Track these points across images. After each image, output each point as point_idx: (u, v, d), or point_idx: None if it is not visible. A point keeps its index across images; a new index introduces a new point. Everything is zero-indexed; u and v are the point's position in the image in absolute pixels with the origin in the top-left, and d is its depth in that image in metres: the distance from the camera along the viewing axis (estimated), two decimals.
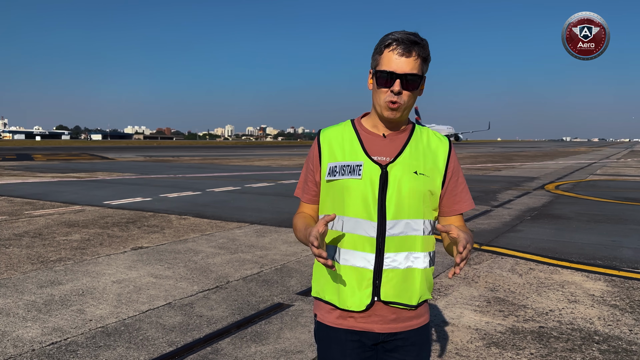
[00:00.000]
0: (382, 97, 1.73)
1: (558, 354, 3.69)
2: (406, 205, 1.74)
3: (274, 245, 7.11)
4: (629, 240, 7.69)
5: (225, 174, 20.02)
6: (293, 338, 3.94)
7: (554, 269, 6.01)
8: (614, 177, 20.38)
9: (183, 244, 7.19)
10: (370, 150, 1.78)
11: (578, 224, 9.11)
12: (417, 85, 1.72)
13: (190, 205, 10.98)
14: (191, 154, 42.38)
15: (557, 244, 7.36)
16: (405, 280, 1.76)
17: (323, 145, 1.85)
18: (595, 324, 4.28)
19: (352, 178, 1.75)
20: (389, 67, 1.70)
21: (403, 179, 1.74)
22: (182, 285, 5.24)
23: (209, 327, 4.13)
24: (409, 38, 1.69)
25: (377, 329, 1.78)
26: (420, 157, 1.80)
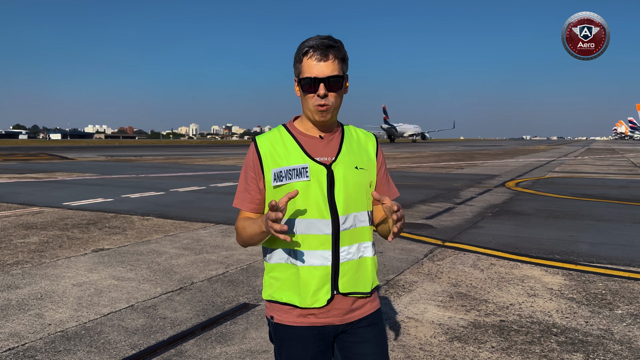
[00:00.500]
0: (310, 103, 1.81)
1: (518, 347, 3.79)
2: (353, 199, 1.84)
3: (239, 245, 7.06)
4: (585, 235, 7.96)
5: (189, 174, 19.76)
6: (259, 338, 3.93)
7: (514, 264, 6.17)
8: (572, 174, 21.05)
9: (146, 245, 7.06)
10: (312, 152, 1.85)
11: (537, 220, 9.37)
12: (340, 86, 1.82)
13: (154, 206, 10.80)
14: (154, 154, 41.65)
15: (517, 240, 7.56)
16: (359, 269, 1.87)
17: (263, 152, 1.88)
18: (554, 317, 4.41)
19: (300, 180, 1.80)
20: (311, 73, 1.78)
21: (347, 175, 1.84)
22: (145, 287, 5.15)
23: (173, 329, 4.08)
24: (323, 43, 1.78)
25: (337, 322, 1.86)
26: (356, 152, 1.91)
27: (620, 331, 4.09)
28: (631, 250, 6.89)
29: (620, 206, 11.27)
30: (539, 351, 3.72)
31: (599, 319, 4.35)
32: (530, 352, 3.69)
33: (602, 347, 3.78)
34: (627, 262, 6.27)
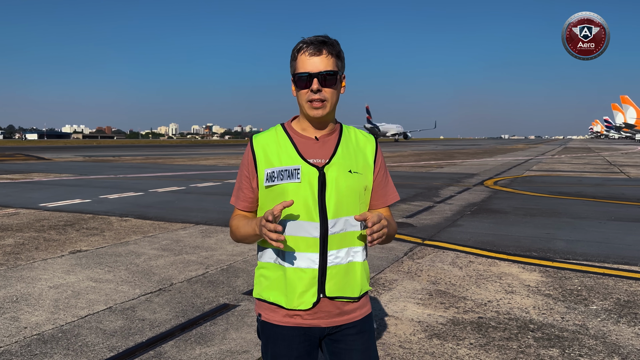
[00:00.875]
0: (304, 98, 1.81)
1: (496, 343, 3.84)
2: (344, 203, 1.82)
3: (220, 246, 7.03)
4: (561, 232, 8.10)
5: (169, 174, 19.59)
6: (239, 338, 3.91)
7: (492, 262, 6.25)
8: (549, 172, 21.39)
9: (124, 246, 6.99)
10: (305, 153, 1.84)
11: (515, 217, 9.50)
12: (334, 82, 1.81)
13: (132, 207, 10.69)
14: (133, 154, 41.17)
15: (495, 237, 7.66)
16: (347, 274, 1.85)
17: (257, 152, 1.88)
18: (531, 313, 4.48)
19: (291, 182, 1.79)
20: (304, 68, 1.78)
21: (340, 179, 1.82)
22: (124, 289, 5.09)
23: (152, 331, 4.04)
24: (317, 39, 1.80)
25: (323, 324, 1.86)
26: (352, 156, 1.88)
27: (595, 326, 4.18)
28: (606, 247, 7.03)
29: (596, 204, 11.49)
30: (516, 347, 3.77)
31: (575, 315, 4.44)
32: (508, 348, 3.75)
33: (578, 342, 3.85)
34: (602, 258, 6.40)
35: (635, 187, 15.19)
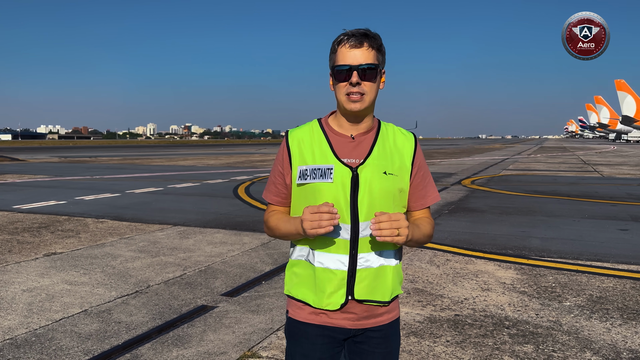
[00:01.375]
0: (342, 92, 1.75)
1: (472, 340, 3.89)
2: (377, 206, 1.75)
3: (198, 247, 6.98)
4: (536, 230, 8.24)
5: (146, 175, 19.37)
6: (217, 340, 3.90)
7: (469, 260, 6.33)
8: (525, 171, 21.72)
9: (100, 248, 6.89)
10: (340, 152, 1.78)
11: (491, 216, 9.64)
12: (374, 76, 1.75)
13: (109, 208, 10.54)
14: (110, 154, 40.60)
15: (472, 236, 7.75)
16: (377, 278, 1.79)
17: (292, 148, 1.83)
18: (506, 310, 4.55)
19: (324, 182, 1.74)
20: (344, 61, 1.73)
21: (374, 181, 1.75)
22: (99, 292, 5.03)
23: (128, 333, 4.00)
24: (358, 31, 1.74)
25: (349, 325, 1.81)
26: (388, 156, 1.81)
27: (568, 322, 4.26)
28: (580, 245, 7.18)
29: (570, 202, 11.71)
30: (491, 344, 3.83)
31: (549, 311, 4.52)
32: (484, 345, 3.80)
33: (551, 338, 3.92)
34: (576, 255, 6.53)
35: (609, 186, 15.52)
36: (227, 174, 19.44)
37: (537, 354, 3.65)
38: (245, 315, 4.40)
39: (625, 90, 69.76)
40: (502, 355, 3.63)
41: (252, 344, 3.83)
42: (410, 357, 3.61)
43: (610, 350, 3.71)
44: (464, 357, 3.61)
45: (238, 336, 3.96)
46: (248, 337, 3.94)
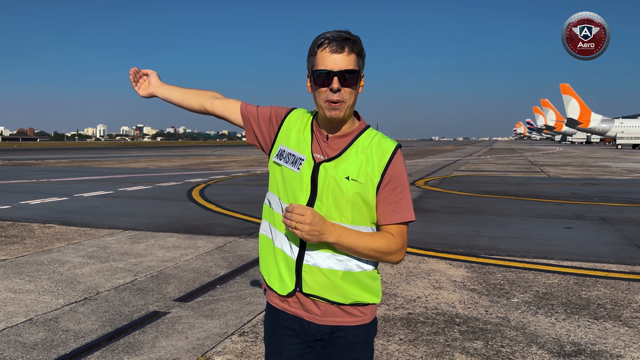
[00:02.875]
0: (321, 97, 1.72)
1: (424, 338, 3.97)
2: (333, 207, 1.73)
3: (150, 252, 6.83)
4: (486, 229, 8.48)
5: (96, 178, 18.80)
6: (169, 346, 3.82)
7: (422, 259, 6.45)
8: (475, 172, 22.34)
9: (47, 254, 6.64)
10: (315, 147, 1.81)
11: (443, 216, 9.86)
12: (355, 81, 1.72)
13: (56, 212, 10.18)
14: (58, 156, 39.17)
15: (425, 235, 7.91)
16: (325, 278, 1.76)
17: (284, 125, 1.88)
18: (457, 308, 4.67)
19: (291, 169, 1.78)
20: (325, 65, 1.70)
21: (332, 181, 1.74)
22: (46, 299, 4.85)
23: (76, 342, 3.87)
24: (340, 35, 1.70)
25: (307, 318, 1.80)
26: (356, 163, 1.75)
27: (516, 318, 4.41)
28: (527, 243, 7.44)
29: (518, 202, 12.12)
30: (443, 341, 3.92)
31: (497, 308, 4.66)
32: (435, 342, 3.88)
33: (500, 334, 4.05)
34: (523, 253, 6.76)
35: (554, 186, 16.15)
36: (181, 177, 19.10)
37: (486, 349, 3.76)
38: (199, 320, 4.34)
39: (570, 94, 72.81)
40: (453, 352, 3.72)
41: (205, 349, 3.78)
42: None
43: (555, 343, 3.87)
44: (416, 354, 3.68)
45: (191, 342, 3.90)
46: (202, 343, 3.89)
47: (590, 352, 3.72)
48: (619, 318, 4.40)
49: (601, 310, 4.60)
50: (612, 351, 3.74)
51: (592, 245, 7.30)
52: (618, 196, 13.16)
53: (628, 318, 4.40)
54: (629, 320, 4.36)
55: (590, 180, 17.90)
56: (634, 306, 4.70)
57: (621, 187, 15.50)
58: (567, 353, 3.70)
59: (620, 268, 6.04)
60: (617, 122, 68.90)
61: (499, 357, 3.64)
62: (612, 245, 7.29)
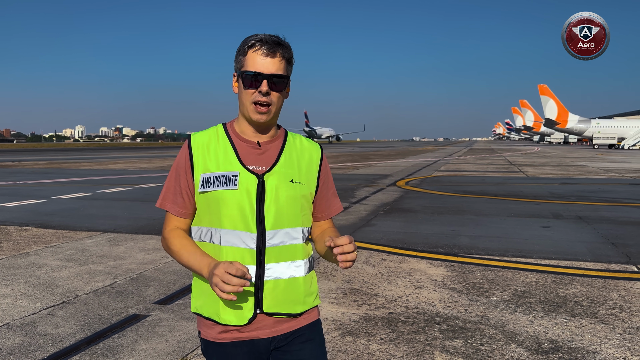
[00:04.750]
0: (249, 99, 1.69)
1: (405, 337, 4.00)
2: (285, 214, 1.72)
3: (129, 254, 6.76)
4: (465, 229, 8.57)
5: (74, 179, 18.53)
6: (149, 349, 3.79)
7: (403, 259, 6.50)
8: (455, 172, 22.55)
9: (24, 257, 6.53)
10: (245, 159, 1.73)
11: (424, 216, 9.94)
12: (283, 87, 1.71)
13: (33, 215, 10.01)
14: (35, 158, 38.52)
15: (406, 235, 7.96)
16: (287, 289, 1.73)
17: (195, 154, 1.75)
18: (437, 307, 4.71)
19: (228, 189, 1.68)
20: (255, 67, 1.67)
21: (280, 188, 1.71)
22: (23, 303, 4.77)
23: (54, 346, 3.82)
24: (272, 39, 1.68)
25: (263, 335, 1.73)
26: (295, 165, 1.78)
27: (495, 316, 4.47)
28: (506, 242, 7.54)
29: (497, 201, 12.27)
30: (423, 340, 3.95)
31: (477, 306, 4.72)
32: (416, 342, 3.92)
33: (479, 332, 4.10)
34: (502, 252, 6.85)
35: (533, 185, 16.39)
36: (162, 178, 18.92)
37: (466, 348, 3.81)
38: (180, 323, 4.31)
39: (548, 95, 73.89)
40: (433, 351, 3.76)
41: (186, 351, 3.76)
42: (346, 356, 3.67)
43: (533, 341, 3.93)
44: (397, 353, 3.71)
45: (172, 344, 3.88)
46: (182, 345, 3.86)
47: (567, 349, 3.79)
48: (595, 315, 4.49)
49: (578, 307, 4.69)
50: (589, 348, 3.81)
51: (569, 243, 7.42)
52: (594, 195, 13.41)
53: (604, 315, 4.49)
54: (604, 317, 4.45)
55: (567, 180, 18.20)
56: (610, 303, 4.80)
57: (597, 187, 15.79)
58: (544, 350, 3.76)
59: (596, 266, 6.16)
60: (594, 123, 70.17)
61: (478, 355, 3.68)
62: (588, 243, 7.43)
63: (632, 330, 4.15)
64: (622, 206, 11.45)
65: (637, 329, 4.18)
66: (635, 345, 3.85)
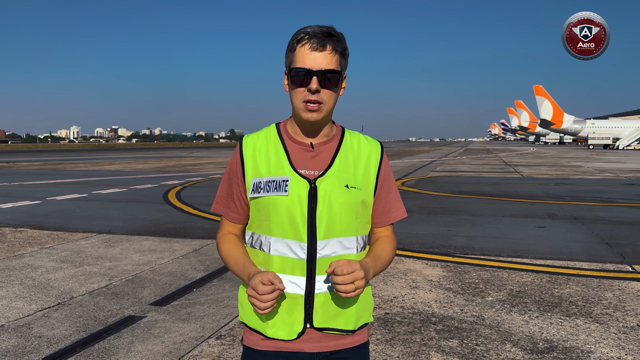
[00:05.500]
0: (299, 98, 1.57)
1: (400, 337, 4.01)
2: (338, 222, 1.60)
3: (125, 255, 6.74)
4: (461, 229, 8.59)
5: (69, 180, 18.47)
6: (145, 350, 3.79)
7: (399, 259, 6.51)
8: (451, 173, 22.60)
9: (19, 259, 6.51)
10: (297, 163, 1.62)
11: (419, 216, 9.96)
12: (336, 83, 1.57)
13: (28, 216, 9.97)
14: (30, 159, 38.37)
15: (402, 236, 7.98)
16: (340, 303, 1.62)
17: (246, 158, 1.66)
18: (433, 307, 4.73)
19: (278, 195, 1.58)
20: (304, 63, 1.54)
21: (334, 194, 1.59)
22: (18, 305, 4.75)
23: (50, 348, 3.81)
24: (322, 31, 1.55)
25: (308, 349, 1.63)
26: (350, 168, 1.65)
27: (491, 316, 4.48)
28: (501, 242, 7.56)
29: (493, 201, 12.31)
30: (419, 340, 3.96)
31: (472, 307, 4.73)
32: (412, 342, 3.92)
33: (475, 332, 4.11)
34: (497, 252, 6.87)
35: (528, 185, 16.44)
36: (157, 179, 18.90)
37: (461, 348, 3.82)
38: (176, 325, 4.30)
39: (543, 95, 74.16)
40: (429, 351, 3.76)
41: (182, 353, 3.75)
42: None
43: (528, 341, 3.94)
44: (393, 354, 3.71)
45: (168, 346, 3.87)
46: (178, 347, 3.86)
47: (562, 348, 3.81)
48: (589, 315, 4.51)
49: (573, 307, 4.70)
50: (583, 347, 3.83)
51: (564, 243, 7.45)
52: (590, 195, 13.46)
53: (598, 315, 4.51)
54: (599, 316, 4.47)
55: (562, 180, 18.27)
56: (604, 303, 4.82)
57: (592, 187, 15.85)
58: (540, 350, 3.78)
59: (591, 266, 6.19)
60: (589, 123, 70.48)
61: (474, 355, 3.69)
62: (583, 243, 7.46)
63: (627, 329, 4.17)
64: (617, 206, 11.50)
65: (632, 328, 4.20)
66: (629, 345, 3.87)
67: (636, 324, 4.29)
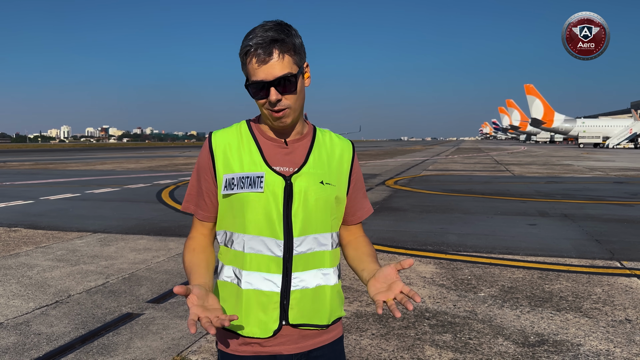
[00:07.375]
0: (264, 107, 1.54)
1: (395, 332, 4.09)
2: (314, 219, 1.59)
3: (120, 254, 6.78)
4: (454, 227, 8.70)
5: (62, 180, 18.41)
6: (144, 347, 3.84)
7: (392, 256, 6.59)
8: (443, 172, 22.74)
9: (14, 258, 6.53)
10: (271, 159, 1.59)
11: (412, 214, 10.05)
12: (295, 85, 1.51)
13: (22, 216, 9.97)
14: (20, 159, 38.14)
15: (395, 234, 8.07)
16: (315, 299, 1.61)
17: (217, 154, 1.61)
18: (426, 302, 4.81)
19: (253, 191, 1.54)
20: (257, 76, 1.49)
21: (309, 191, 1.58)
22: (16, 303, 4.79)
23: (49, 345, 3.85)
24: (265, 38, 1.47)
25: (286, 351, 1.61)
26: (325, 165, 1.64)
27: (483, 311, 4.57)
28: (493, 239, 7.66)
29: (484, 200, 12.43)
30: (413, 335, 4.04)
31: (465, 302, 4.82)
32: (406, 336, 4.01)
33: (468, 327, 4.20)
34: (489, 249, 6.97)
35: (519, 184, 16.59)
36: (150, 178, 18.88)
37: (455, 342, 3.90)
38: (173, 321, 4.36)
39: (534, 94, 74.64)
40: (423, 345, 3.85)
41: (181, 348, 3.81)
42: None
43: (520, 335, 4.04)
44: (388, 348, 3.79)
45: (166, 342, 3.93)
46: (177, 342, 3.92)
47: (553, 342, 3.90)
48: (579, 309, 4.61)
49: (563, 302, 4.81)
50: (573, 340, 3.93)
51: (555, 240, 7.57)
52: (580, 193, 13.63)
53: (588, 309, 4.62)
54: (588, 311, 4.57)
55: (553, 179, 18.45)
56: (594, 298, 4.93)
57: (583, 185, 16.04)
58: (531, 343, 3.87)
59: (581, 262, 6.31)
60: (579, 122, 71.03)
61: (467, 348, 3.78)
62: (573, 240, 7.58)
63: (615, 323, 4.28)
64: (606, 204, 11.66)
65: (620, 322, 4.31)
66: (617, 338, 3.97)
67: (624, 318, 4.40)
